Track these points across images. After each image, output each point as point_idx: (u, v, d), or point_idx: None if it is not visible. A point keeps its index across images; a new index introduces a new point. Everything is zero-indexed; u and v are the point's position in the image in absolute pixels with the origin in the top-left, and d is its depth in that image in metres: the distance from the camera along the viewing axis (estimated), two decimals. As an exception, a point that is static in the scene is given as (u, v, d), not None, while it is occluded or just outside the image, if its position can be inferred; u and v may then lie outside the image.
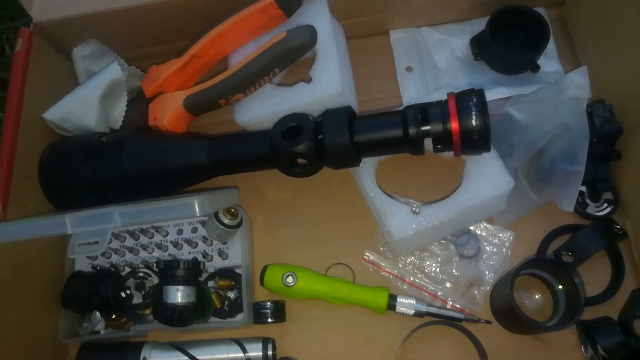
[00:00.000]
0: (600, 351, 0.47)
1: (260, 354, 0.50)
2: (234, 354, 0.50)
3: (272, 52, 0.51)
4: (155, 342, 0.52)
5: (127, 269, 0.54)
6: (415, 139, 0.47)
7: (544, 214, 0.54)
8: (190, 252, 0.54)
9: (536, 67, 0.58)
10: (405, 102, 0.60)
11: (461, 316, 0.50)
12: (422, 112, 0.47)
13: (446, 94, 0.47)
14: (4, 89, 0.76)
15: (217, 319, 0.52)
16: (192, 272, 0.49)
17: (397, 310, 0.51)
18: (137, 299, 0.51)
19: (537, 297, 0.52)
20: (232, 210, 0.52)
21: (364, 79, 0.59)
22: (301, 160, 0.49)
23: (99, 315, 0.53)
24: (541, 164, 0.52)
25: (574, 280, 0.47)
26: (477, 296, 0.52)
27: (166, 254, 0.54)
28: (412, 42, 0.62)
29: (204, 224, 0.54)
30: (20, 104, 0.52)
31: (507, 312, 0.49)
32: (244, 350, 0.50)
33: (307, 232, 0.57)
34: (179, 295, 0.48)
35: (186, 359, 0.50)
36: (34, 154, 0.53)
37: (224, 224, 0.51)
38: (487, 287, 0.52)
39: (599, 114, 0.51)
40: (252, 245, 0.56)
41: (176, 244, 0.54)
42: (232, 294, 0.52)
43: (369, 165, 0.53)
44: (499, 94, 0.58)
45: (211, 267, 0.53)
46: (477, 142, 0.46)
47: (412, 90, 0.61)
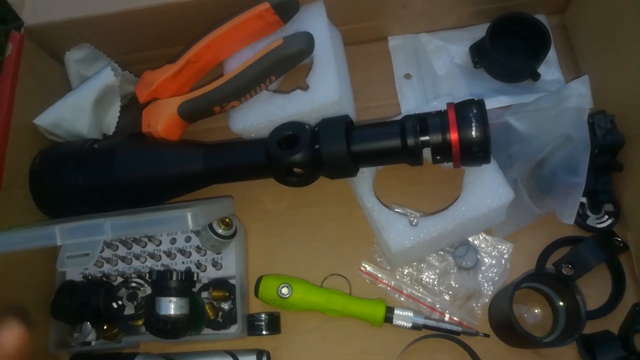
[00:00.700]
0: (600, 366, 0.46)
1: (254, 366, 0.49)
2: (228, 367, 0.49)
3: (268, 59, 0.50)
4: (147, 354, 0.51)
5: (119, 279, 0.53)
6: (413, 149, 0.46)
7: (544, 225, 0.53)
8: (183, 262, 0.53)
9: (537, 76, 0.57)
10: (403, 109, 0.59)
11: (459, 329, 0.50)
12: (421, 122, 0.46)
13: (446, 104, 0.47)
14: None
15: (211, 331, 0.51)
16: (185, 284, 0.48)
17: (394, 322, 0.50)
18: (129, 310, 0.50)
19: (536, 311, 0.51)
20: (227, 220, 0.51)
21: (361, 85, 0.59)
22: (297, 169, 0.48)
23: (90, 326, 0.51)
24: (541, 175, 0.51)
25: (575, 296, 0.46)
26: (476, 309, 0.51)
27: (159, 264, 0.53)
28: (410, 49, 0.62)
29: (197, 233, 0.53)
30: (10, 110, 0.51)
31: (505, 325, 0.48)
32: (238, 363, 0.49)
33: (303, 243, 0.56)
34: (172, 307, 0.47)
35: (179, 371, 0.49)
36: (24, 161, 0.52)
37: (218, 234, 0.50)
38: (486, 300, 0.52)
39: (601, 125, 0.50)
40: (247, 255, 0.55)
41: (169, 254, 0.53)
42: (226, 305, 0.51)
43: (366, 175, 0.52)
44: (498, 102, 0.57)
45: (205, 277, 0.52)
46: (476, 153, 0.45)
47: (410, 97, 0.60)
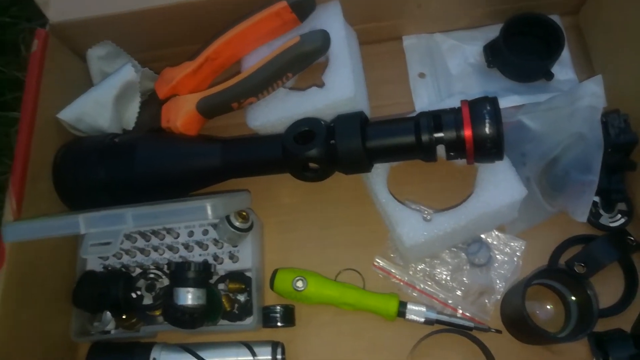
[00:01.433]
0: (612, 364, 0.47)
1: (269, 357, 0.50)
2: (243, 358, 0.50)
3: (285, 57, 0.51)
4: (164, 344, 0.52)
5: (138, 270, 0.54)
6: (427, 145, 0.47)
7: (556, 223, 0.53)
8: (200, 255, 0.54)
9: (550, 75, 0.57)
10: (417, 108, 0.60)
11: (471, 325, 0.50)
12: (435, 119, 0.47)
13: (459, 101, 0.47)
14: (19, 88, 0.77)
15: (227, 322, 0.52)
16: (203, 275, 0.49)
17: (407, 317, 0.50)
18: (147, 300, 0.51)
19: (548, 307, 0.51)
20: (244, 213, 0.52)
21: (376, 84, 0.59)
22: (313, 164, 0.49)
23: (110, 315, 0.53)
24: (554, 174, 0.52)
25: (587, 292, 0.46)
26: (488, 305, 0.52)
27: (177, 256, 0.54)
28: (425, 48, 0.62)
29: (215, 226, 0.54)
30: (35, 104, 0.52)
31: (518, 321, 0.49)
32: (254, 354, 0.50)
33: (318, 237, 0.56)
34: (189, 297, 0.48)
35: (195, 361, 0.50)
36: (48, 154, 0.54)
37: (236, 227, 0.51)
38: (498, 296, 0.52)
39: (614, 124, 0.51)
40: (263, 248, 0.57)
41: (187, 246, 0.54)
42: (242, 297, 0.52)
43: (380, 171, 0.53)
44: (511, 101, 0.57)
45: (222, 269, 0.53)
46: (490, 150, 0.45)
47: (424, 96, 0.60)
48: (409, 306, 0.51)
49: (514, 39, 0.57)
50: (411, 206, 0.52)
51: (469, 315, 0.52)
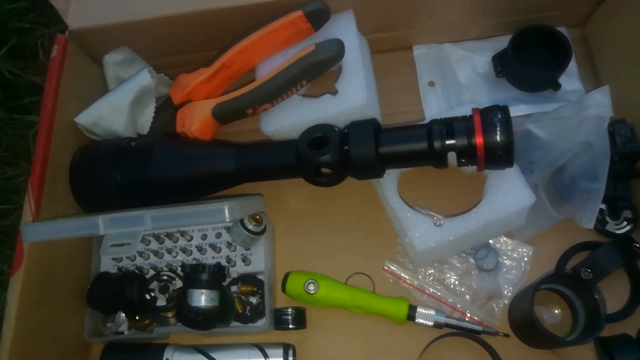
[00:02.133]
0: (618, 368, 0.48)
1: (281, 359, 0.51)
2: (255, 359, 0.51)
3: (300, 64, 0.52)
4: (177, 345, 0.53)
5: (151, 272, 0.55)
6: (439, 152, 0.48)
7: (563, 230, 0.54)
8: (214, 257, 0.55)
9: (557, 86, 0.59)
10: (427, 116, 0.61)
11: (479, 328, 0.51)
12: (447, 126, 0.48)
13: (471, 109, 0.48)
14: (37, 92, 0.79)
15: (239, 324, 0.52)
16: (216, 277, 0.50)
17: (417, 320, 0.51)
18: (160, 302, 0.52)
19: (556, 312, 0.52)
20: (257, 217, 0.53)
21: (387, 92, 0.60)
22: (326, 170, 0.50)
23: (123, 316, 0.53)
24: (561, 181, 0.53)
25: (595, 296, 0.47)
26: (496, 309, 0.53)
27: (190, 258, 0.55)
28: (435, 58, 0.64)
29: (228, 229, 0.55)
30: (54, 108, 0.53)
31: (526, 325, 0.50)
32: (265, 355, 0.51)
33: (329, 241, 0.57)
34: (203, 298, 0.49)
35: (208, 362, 0.51)
36: (65, 157, 0.55)
37: (249, 230, 0.52)
38: (506, 301, 0.53)
39: (621, 133, 0.52)
40: (274, 252, 0.57)
41: (200, 249, 0.55)
42: (254, 300, 0.53)
43: (391, 177, 0.54)
44: (520, 111, 0.59)
45: (234, 272, 0.54)
46: (500, 157, 0.47)
47: (434, 104, 0.62)
48: (418, 310, 0.52)
49: (523, 50, 0.59)
50: (421, 212, 0.53)
51: (477, 319, 0.53)
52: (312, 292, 0.52)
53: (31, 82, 0.80)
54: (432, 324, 0.51)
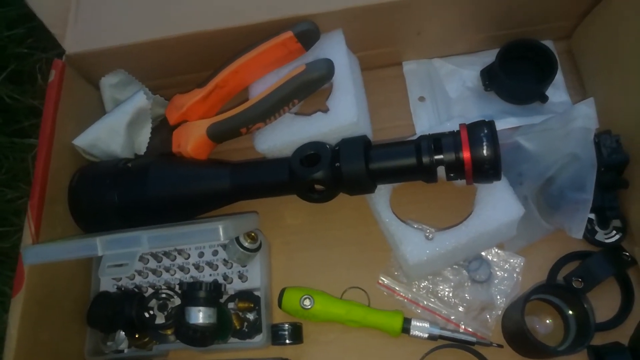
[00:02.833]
0: (611, 376, 0.48)
1: (278, 374, 0.52)
2: (253, 374, 0.52)
3: (292, 84, 0.53)
4: (176, 362, 0.54)
5: (150, 290, 0.56)
6: (428, 167, 0.49)
7: (553, 240, 0.55)
8: (211, 275, 0.56)
9: (545, 98, 0.60)
10: (418, 130, 0.62)
11: (473, 340, 0.52)
12: (435, 141, 0.49)
13: (458, 124, 0.50)
14: (36, 115, 0.81)
15: (237, 340, 0.53)
16: (213, 294, 0.51)
17: (412, 333, 0.52)
18: (159, 320, 0.53)
19: (548, 321, 0.53)
20: (252, 234, 0.54)
21: (378, 108, 0.62)
22: (318, 186, 0.51)
23: (123, 334, 0.54)
24: (550, 192, 0.54)
25: (584, 305, 0.48)
26: (489, 320, 0.54)
27: (188, 276, 0.56)
28: (424, 73, 0.65)
29: (224, 247, 0.56)
30: (52, 131, 0.55)
31: (518, 336, 0.50)
32: (263, 370, 0.52)
33: (323, 257, 0.58)
34: (200, 315, 0.50)
35: (206, 378, 0.51)
36: (64, 179, 0.56)
37: (245, 248, 0.53)
38: (499, 312, 0.54)
39: (606, 144, 0.53)
40: (270, 268, 0.58)
41: (197, 267, 0.56)
42: (251, 316, 0.54)
43: (383, 192, 0.55)
44: (508, 123, 0.60)
45: (231, 289, 0.55)
46: (488, 171, 0.48)
47: (424, 119, 0.63)
48: (413, 322, 0.52)
49: (510, 64, 0.60)
50: (413, 225, 0.54)
51: (471, 330, 0.54)
52: (307, 307, 0.53)
53: (30, 106, 0.81)
54: (426, 336, 0.52)
